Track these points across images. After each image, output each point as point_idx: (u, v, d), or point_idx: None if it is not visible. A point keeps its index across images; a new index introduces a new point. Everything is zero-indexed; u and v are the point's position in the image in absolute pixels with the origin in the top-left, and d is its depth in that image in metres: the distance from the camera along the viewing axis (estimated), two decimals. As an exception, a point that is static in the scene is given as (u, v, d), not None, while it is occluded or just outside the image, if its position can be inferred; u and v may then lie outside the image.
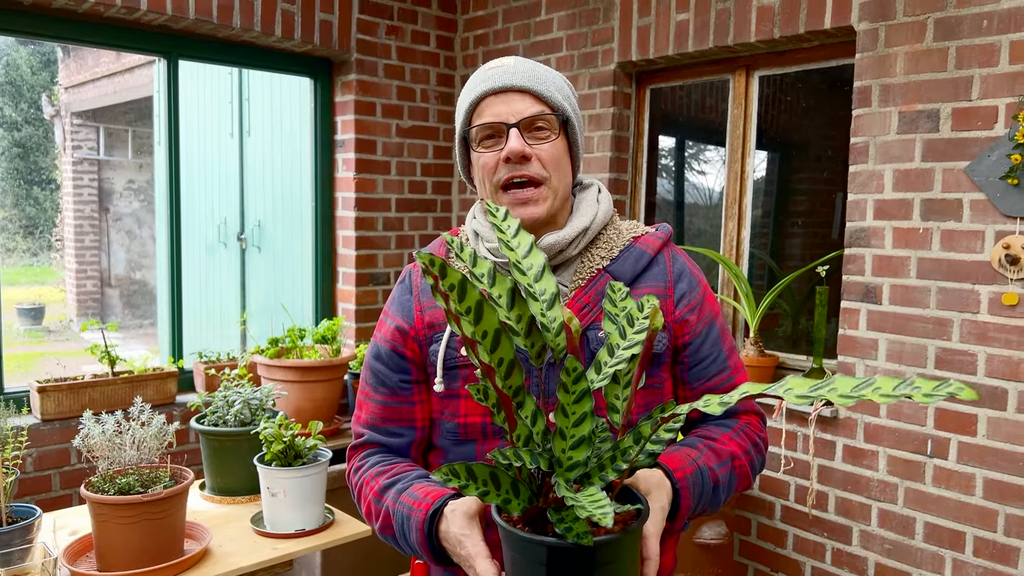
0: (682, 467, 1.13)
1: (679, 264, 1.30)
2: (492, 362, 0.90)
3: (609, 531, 0.89)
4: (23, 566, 1.66)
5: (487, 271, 0.94)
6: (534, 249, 1.01)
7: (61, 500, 2.87)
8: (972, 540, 2.39)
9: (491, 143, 1.23)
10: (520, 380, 0.93)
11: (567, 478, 0.91)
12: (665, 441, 1.01)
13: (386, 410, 1.30)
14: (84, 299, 9.37)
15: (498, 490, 0.91)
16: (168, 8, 2.97)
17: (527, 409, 0.94)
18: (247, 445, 2.23)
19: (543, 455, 0.93)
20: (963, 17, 2.33)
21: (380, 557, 3.05)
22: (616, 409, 1.00)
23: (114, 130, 9.45)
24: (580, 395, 0.91)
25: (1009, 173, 2.23)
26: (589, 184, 1.35)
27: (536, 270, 0.99)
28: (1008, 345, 2.28)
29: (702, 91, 3.47)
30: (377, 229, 3.69)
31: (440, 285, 0.86)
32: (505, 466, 0.92)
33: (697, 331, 1.27)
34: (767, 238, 3.43)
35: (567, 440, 0.92)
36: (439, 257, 0.86)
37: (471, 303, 0.87)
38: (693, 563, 2.58)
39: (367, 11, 3.56)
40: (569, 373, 0.91)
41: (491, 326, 0.89)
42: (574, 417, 0.92)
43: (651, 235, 1.31)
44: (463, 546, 1.03)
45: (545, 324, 0.96)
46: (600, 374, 0.99)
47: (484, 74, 1.25)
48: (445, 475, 0.89)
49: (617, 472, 0.93)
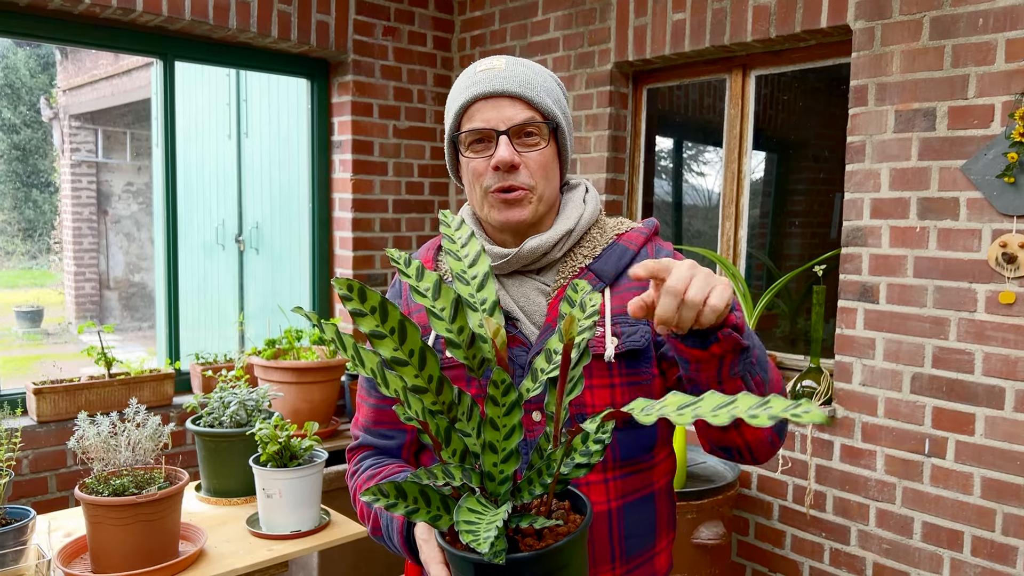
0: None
1: (663, 256, 1.29)
2: (423, 380, 0.90)
3: (553, 541, 0.89)
4: (17, 568, 1.66)
5: (432, 284, 0.94)
6: (481, 257, 1.01)
7: (58, 502, 2.86)
8: (970, 540, 2.38)
9: (480, 148, 1.22)
10: (451, 396, 0.92)
11: (499, 492, 0.91)
12: (592, 452, 0.95)
13: (377, 413, 1.32)
14: (83, 301, 9.37)
15: (428, 507, 0.90)
16: (164, 9, 2.97)
17: (472, 423, 0.94)
18: (243, 446, 2.23)
19: (474, 471, 0.92)
20: (959, 15, 2.32)
21: (376, 558, 3.04)
22: (551, 418, 0.97)
23: (112, 132, 9.45)
24: (510, 407, 0.90)
25: (1006, 171, 2.23)
26: (576, 184, 1.34)
27: (479, 279, 0.99)
28: (1005, 344, 2.28)
29: (699, 91, 3.47)
30: (374, 230, 3.69)
31: (363, 308, 0.86)
32: (432, 485, 0.91)
33: None
34: (765, 238, 3.43)
35: (498, 453, 0.91)
36: (356, 282, 0.86)
37: (393, 323, 0.87)
38: (690, 563, 2.58)
39: (364, 12, 3.56)
40: (497, 386, 0.89)
41: (415, 344, 0.88)
42: (504, 430, 0.91)
43: (635, 231, 1.30)
44: (422, 551, 1.06)
45: (481, 335, 0.96)
46: (536, 382, 0.97)
47: (475, 76, 1.23)
48: (373, 495, 0.88)
49: (543, 486, 0.92)
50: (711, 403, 0.74)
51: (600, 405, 1.21)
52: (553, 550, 0.87)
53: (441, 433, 0.91)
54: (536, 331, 1.23)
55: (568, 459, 0.94)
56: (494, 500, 0.92)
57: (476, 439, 0.94)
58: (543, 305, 1.24)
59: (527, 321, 1.23)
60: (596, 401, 1.21)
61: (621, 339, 1.21)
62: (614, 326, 1.22)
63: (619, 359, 1.21)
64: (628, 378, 1.22)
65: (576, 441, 0.94)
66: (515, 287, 1.25)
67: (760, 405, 0.71)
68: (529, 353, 1.21)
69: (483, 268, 0.99)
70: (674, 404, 0.77)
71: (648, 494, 1.25)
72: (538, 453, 0.95)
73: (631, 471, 1.23)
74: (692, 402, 0.76)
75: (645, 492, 1.25)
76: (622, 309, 1.23)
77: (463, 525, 0.81)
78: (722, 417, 0.71)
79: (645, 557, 1.25)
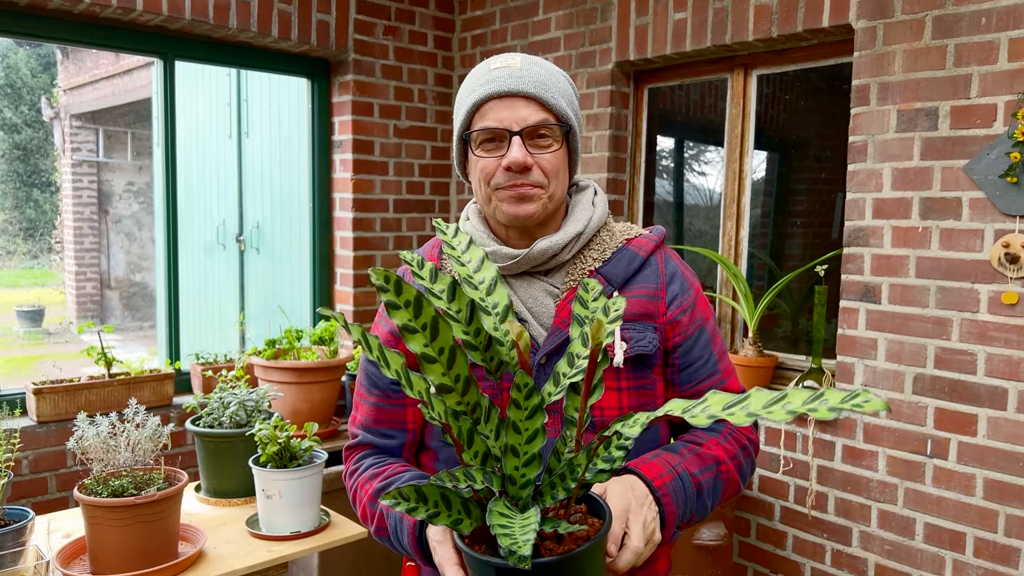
0: (660, 475, 1.12)
1: (671, 266, 1.29)
2: (450, 379, 0.89)
3: (567, 548, 0.88)
4: (15, 569, 1.65)
5: (446, 287, 0.93)
6: (485, 263, 1.01)
7: (57, 503, 2.86)
8: (972, 541, 2.37)
9: (492, 147, 1.20)
10: (476, 397, 0.92)
11: (520, 496, 0.90)
12: (615, 459, 0.96)
13: (379, 412, 1.31)
14: (84, 301, 9.37)
15: (449, 510, 0.90)
16: (164, 8, 2.96)
17: (490, 425, 0.93)
18: (243, 447, 2.22)
19: (496, 475, 0.91)
20: (961, 15, 2.31)
21: (376, 558, 3.03)
22: (573, 422, 0.96)
23: (113, 132, 9.44)
24: (532, 411, 0.90)
25: (1008, 171, 2.22)
26: (586, 186, 1.34)
27: (488, 284, 0.98)
28: (1008, 344, 2.27)
29: (701, 91, 3.46)
30: (375, 230, 3.68)
31: (397, 300, 0.85)
32: (454, 488, 0.90)
33: (688, 333, 1.27)
34: (767, 238, 3.42)
35: (520, 457, 0.90)
36: (393, 273, 0.85)
37: (426, 319, 0.86)
38: (691, 564, 2.57)
39: (364, 11, 3.55)
40: (520, 389, 0.89)
41: (446, 342, 0.87)
42: (527, 434, 0.90)
43: (644, 237, 1.30)
44: (436, 552, 1.05)
45: (498, 338, 0.95)
46: (558, 386, 0.96)
47: (489, 74, 1.21)
48: (394, 499, 0.87)
49: (567, 491, 0.91)
50: (760, 400, 0.73)
51: (607, 408, 1.21)
52: (576, 555, 0.87)
53: (464, 435, 0.91)
54: (544, 333, 1.22)
55: (591, 464, 0.94)
56: (516, 504, 0.92)
57: (495, 441, 0.93)
58: (551, 307, 1.24)
59: (535, 322, 1.23)
60: (604, 403, 1.21)
61: (630, 344, 1.21)
62: (623, 331, 1.22)
63: (626, 363, 1.22)
64: (635, 382, 1.22)
65: (599, 447, 0.93)
66: (523, 288, 1.25)
67: (815, 399, 0.70)
68: (537, 354, 1.21)
69: (490, 273, 0.99)
70: (719, 403, 0.76)
71: None
72: (555, 457, 0.95)
73: None
74: (739, 400, 0.75)
75: None
76: (631, 315, 1.23)
77: (499, 528, 0.80)
78: (778, 413, 0.71)
79: (645, 561, 1.25)
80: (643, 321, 1.24)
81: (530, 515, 0.83)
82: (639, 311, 1.24)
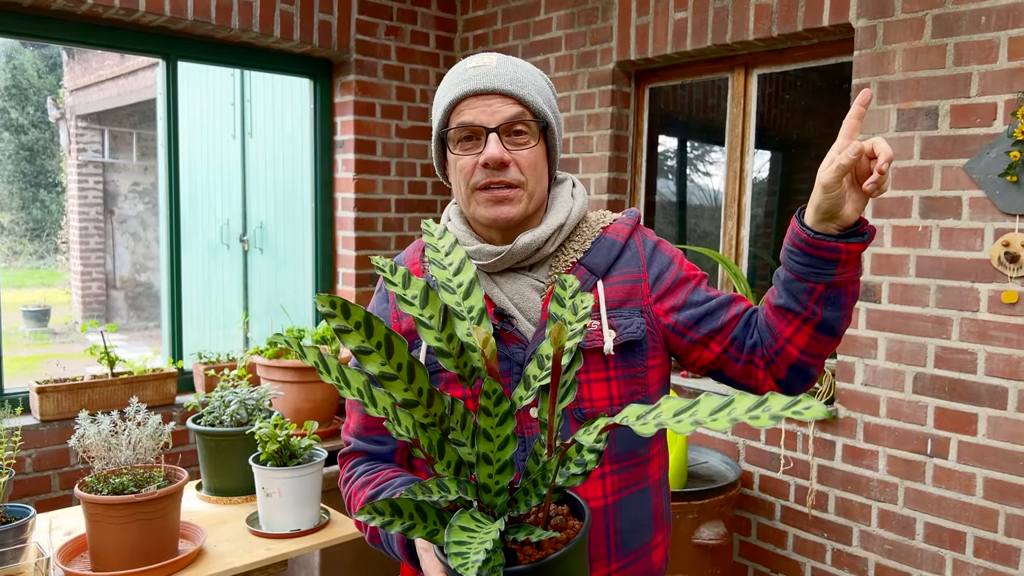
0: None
1: (649, 246, 1.30)
2: (412, 393, 0.87)
3: (544, 554, 0.88)
4: (16, 566, 1.67)
5: (419, 292, 0.92)
6: (466, 264, 1.00)
7: (60, 500, 2.87)
8: (973, 540, 2.37)
9: (469, 145, 1.21)
10: (442, 408, 0.90)
11: (495, 503, 0.90)
12: (587, 462, 0.94)
13: (369, 419, 1.30)
14: (89, 301, 9.40)
15: (424, 522, 0.89)
16: (166, 9, 2.98)
17: (466, 432, 0.92)
18: (243, 445, 2.23)
19: (470, 484, 0.91)
20: (961, 13, 2.31)
21: (377, 557, 3.04)
22: (545, 426, 0.95)
23: (119, 133, 9.48)
24: (503, 417, 0.89)
25: (1008, 170, 2.22)
26: (563, 179, 1.34)
27: (464, 287, 0.97)
28: (1008, 344, 2.26)
29: (701, 90, 3.46)
30: (377, 230, 3.69)
31: (347, 324, 0.84)
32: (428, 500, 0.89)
33: (685, 296, 1.27)
34: (769, 237, 3.42)
35: (493, 464, 0.90)
36: (339, 298, 0.85)
37: (380, 338, 0.85)
38: (692, 564, 2.57)
39: (366, 11, 3.56)
40: (489, 396, 0.88)
41: (403, 358, 0.86)
42: (498, 440, 0.89)
43: (619, 222, 1.31)
44: (423, 560, 1.06)
45: (470, 344, 0.94)
46: (528, 390, 0.95)
47: (465, 73, 1.21)
48: (368, 513, 0.86)
49: (540, 497, 0.90)
50: (707, 407, 0.73)
51: (598, 399, 1.21)
52: (552, 560, 0.86)
53: (434, 447, 0.90)
54: (532, 328, 1.23)
55: (563, 468, 0.93)
56: (491, 512, 0.91)
57: (471, 448, 0.92)
58: (537, 301, 1.24)
59: (523, 318, 1.23)
60: (594, 395, 1.21)
61: (618, 331, 1.21)
62: (610, 319, 1.22)
63: (615, 351, 1.22)
64: (624, 370, 1.22)
65: (571, 451, 0.93)
66: (509, 284, 1.25)
67: (758, 406, 0.70)
68: (527, 350, 1.21)
69: (468, 276, 0.98)
70: (670, 410, 0.75)
71: (644, 488, 1.26)
72: (534, 459, 0.94)
73: (627, 466, 1.23)
74: (687, 407, 0.75)
75: (641, 486, 1.25)
76: (616, 302, 1.23)
77: (453, 547, 0.79)
78: (721, 421, 0.70)
79: (641, 552, 1.25)
80: (629, 307, 1.24)
81: (491, 529, 0.81)
82: (624, 296, 1.24)
